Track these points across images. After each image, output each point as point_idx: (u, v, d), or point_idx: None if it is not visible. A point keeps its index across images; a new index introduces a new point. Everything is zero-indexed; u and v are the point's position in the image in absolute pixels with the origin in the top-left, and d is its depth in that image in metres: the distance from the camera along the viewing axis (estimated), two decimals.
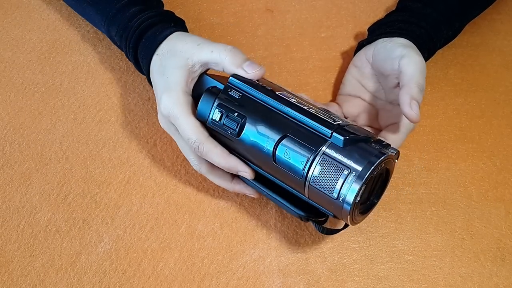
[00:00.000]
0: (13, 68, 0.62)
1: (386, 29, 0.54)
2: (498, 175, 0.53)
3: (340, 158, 0.40)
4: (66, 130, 0.57)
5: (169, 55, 0.49)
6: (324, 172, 0.40)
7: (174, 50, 0.49)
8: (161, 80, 0.48)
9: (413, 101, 0.45)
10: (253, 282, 0.47)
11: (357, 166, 0.39)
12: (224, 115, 0.44)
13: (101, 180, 0.53)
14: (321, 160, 0.40)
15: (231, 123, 0.44)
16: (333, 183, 0.40)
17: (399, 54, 0.49)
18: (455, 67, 0.61)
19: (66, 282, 0.47)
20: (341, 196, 0.40)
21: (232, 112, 0.44)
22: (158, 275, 0.48)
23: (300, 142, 0.41)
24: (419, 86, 0.47)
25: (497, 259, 0.48)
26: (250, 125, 0.43)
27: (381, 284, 0.47)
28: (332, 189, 0.40)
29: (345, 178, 0.39)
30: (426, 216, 0.51)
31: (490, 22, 0.65)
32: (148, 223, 0.51)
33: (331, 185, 0.40)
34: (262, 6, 0.67)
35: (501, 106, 0.58)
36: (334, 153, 0.40)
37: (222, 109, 0.45)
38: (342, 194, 0.39)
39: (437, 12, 0.54)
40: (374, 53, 0.53)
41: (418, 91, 0.46)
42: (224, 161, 0.45)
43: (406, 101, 0.46)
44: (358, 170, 0.39)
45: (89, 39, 0.64)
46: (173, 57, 0.48)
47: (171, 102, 0.46)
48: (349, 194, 0.39)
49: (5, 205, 0.52)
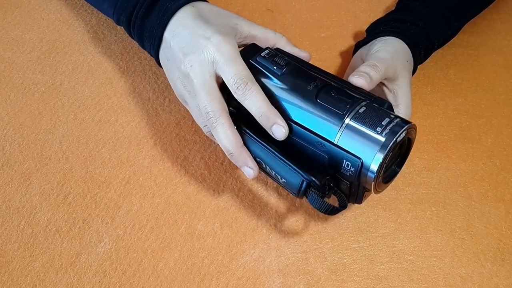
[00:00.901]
0: (13, 68, 0.62)
1: (380, 28, 0.54)
2: (498, 175, 0.53)
3: (384, 110, 0.42)
4: (66, 130, 0.57)
5: (214, 13, 0.47)
6: (369, 113, 0.41)
7: (220, 12, 0.48)
8: (207, 27, 0.45)
9: (362, 73, 0.45)
10: (253, 282, 0.47)
11: (398, 119, 0.41)
12: (273, 55, 0.46)
13: (101, 180, 0.53)
14: (366, 104, 0.42)
15: (280, 60, 0.45)
16: (378, 120, 0.41)
17: (375, 49, 0.50)
18: (455, 67, 0.61)
19: (66, 282, 0.47)
20: (385, 131, 0.40)
21: (281, 56, 0.46)
22: (158, 275, 0.48)
23: (347, 90, 0.43)
24: (370, 69, 0.46)
25: (497, 259, 0.48)
26: (298, 67, 0.45)
27: (381, 284, 0.47)
28: (376, 125, 0.40)
29: (390, 120, 0.41)
30: (426, 216, 0.51)
31: (490, 22, 0.65)
32: (148, 223, 0.51)
33: (375, 122, 0.41)
34: (262, 6, 0.67)
35: (501, 106, 0.58)
36: (371, 108, 0.42)
37: (271, 52, 0.46)
38: (387, 129, 0.40)
39: (436, 11, 0.54)
40: (368, 54, 0.53)
41: (369, 65, 0.46)
42: (267, 107, 0.42)
43: (350, 72, 0.46)
44: (401, 119, 0.41)
45: (89, 39, 0.64)
46: (220, 16, 0.47)
47: (227, 42, 0.44)
48: (392, 132, 0.40)
49: (5, 205, 0.52)
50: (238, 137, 0.44)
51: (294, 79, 0.44)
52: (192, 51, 0.44)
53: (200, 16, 0.46)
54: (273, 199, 0.52)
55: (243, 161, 0.44)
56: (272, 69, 0.45)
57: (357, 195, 0.44)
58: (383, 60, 0.48)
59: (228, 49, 0.44)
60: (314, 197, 0.42)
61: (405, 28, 0.53)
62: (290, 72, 0.45)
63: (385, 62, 0.47)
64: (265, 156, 0.44)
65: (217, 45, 0.44)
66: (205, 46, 0.44)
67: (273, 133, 0.43)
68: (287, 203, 0.52)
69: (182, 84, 0.46)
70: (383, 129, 0.40)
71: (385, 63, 0.47)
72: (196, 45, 0.44)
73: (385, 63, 0.47)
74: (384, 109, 0.42)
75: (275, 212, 0.51)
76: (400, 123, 0.41)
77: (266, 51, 0.46)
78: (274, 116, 0.42)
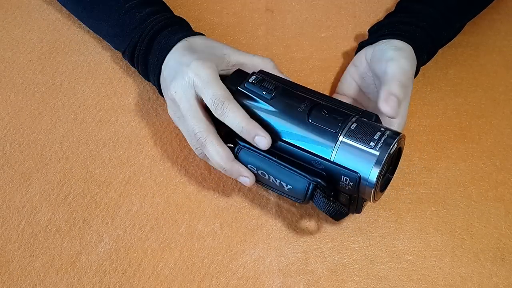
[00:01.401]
0: (13, 68, 0.62)
1: (386, 30, 0.54)
2: (498, 175, 0.53)
3: (374, 123, 0.44)
4: (66, 130, 0.57)
5: (205, 45, 0.50)
6: (361, 128, 0.43)
7: (211, 44, 0.50)
8: (190, 55, 0.48)
9: (390, 96, 0.45)
10: (253, 282, 0.47)
11: (389, 131, 0.43)
12: (260, 80, 0.47)
13: (101, 180, 0.53)
14: (357, 120, 0.43)
15: (268, 85, 0.46)
16: (370, 135, 0.42)
17: (389, 56, 0.49)
18: (455, 67, 0.61)
19: (66, 282, 0.47)
20: (378, 145, 0.42)
21: (268, 80, 0.47)
22: (158, 275, 0.48)
23: (336, 107, 0.45)
24: (399, 82, 0.46)
25: (497, 259, 0.48)
26: (286, 89, 0.47)
27: (381, 284, 0.47)
28: (369, 140, 0.42)
29: (382, 133, 0.42)
30: (426, 216, 0.51)
31: (490, 22, 0.65)
32: (148, 223, 0.51)
33: (367, 137, 0.42)
34: (262, 6, 0.67)
35: (501, 106, 0.58)
36: (367, 120, 0.44)
37: (258, 77, 0.47)
38: (380, 142, 0.42)
39: (438, 13, 0.54)
40: (372, 55, 0.53)
41: (398, 87, 0.46)
42: (246, 122, 0.45)
43: (382, 97, 0.45)
44: (391, 131, 0.43)
45: (89, 39, 0.64)
46: (210, 48, 0.50)
47: (205, 66, 0.47)
48: (385, 145, 0.42)
49: (5, 205, 0.52)
50: (228, 152, 0.46)
51: (284, 102, 0.46)
52: (175, 78, 0.48)
53: (190, 48, 0.50)
54: (273, 199, 0.52)
55: (237, 173, 0.46)
56: (261, 94, 0.46)
57: (356, 205, 0.46)
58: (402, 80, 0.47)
59: (206, 72, 0.46)
60: (321, 200, 0.43)
61: (411, 31, 0.53)
62: (279, 95, 0.46)
63: (404, 83, 0.48)
64: (267, 166, 0.46)
65: (195, 70, 0.47)
66: (185, 72, 0.47)
67: (257, 144, 0.45)
68: (287, 203, 0.52)
69: (172, 110, 0.50)
70: (376, 143, 0.42)
71: (405, 83, 0.48)
72: (179, 72, 0.48)
73: (404, 83, 0.48)
74: (373, 123, 0.44)
75: (275, 212, 0.51)
76: (391, 135, 0.43)
77: (253, 77, 0.47)
78: (254, 128, 0.45)
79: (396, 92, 0.45)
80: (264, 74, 0.49)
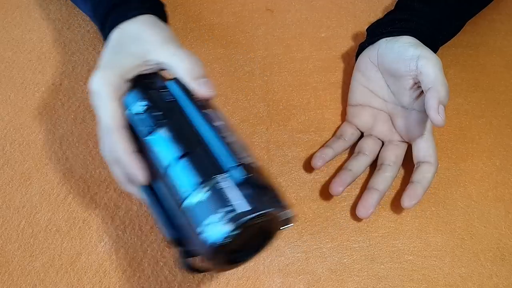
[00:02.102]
0: (13, 68, 0.62)
1: (387, 28, 0.54)
2: (498, 175, 0.53)
3: (228, 195, 0.35)
4: (66, 130, 0.57)
5: (132, 38, 0.46)
6: (205, 202, 0.35)
7: (140, 36, 0.46)
8: (109, 56, 0.45)
9: (440, 105, 0.44)
10: (253, 282, 0.47)
11: (239, 208, 0.34)
12: (144, 111, 0.41)
13: (101, 180, 0.53)
14: (208, 189, 0.36)
15: (145, 121, 0.41)
16: (205, 216, 0.35)
17: (413, 54, 0.48)
18: (455, 67, 0.61)
19: (66, 282, 0.47)
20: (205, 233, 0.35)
21: (152, 111, 0.41)
22: (158, 275, 0.48)
23: (196, 165, 0.37)
24: (446, 88, 0.45)
25: (497, 259, 0.48)
26: (162, 130, 0.40)
27: (381, 284, 0.47)
28: (201, 222, 0.35)
29: (221, 215, 0.34)
30: (426, 216, 0.51)
31: (490, 22, 0.65)
32: (148, 223, 0.51)
33: (201, 218, 0.35)
34: (262, 6, 0.67)
35: (501, 106, 0.58)
36: (225, 186, 0.36)
37: (146, 105, 0.42)
38: (208, 230, 0.34)
39: (438, 11, 0.54)
40: (379, 54, 0.52)
41: (446, 94, 0.45)
42: (124, 156, 0.41)
43: (433, 106, 0.44)
44: (237, 212, 0.34)
45: (89, 39, 0.64)
46: (135, 42, 0.45)
47: (103, 80, 0.43)
48: (215, 234, 0.34)
49: (5, 205, 0.52)
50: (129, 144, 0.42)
51: (155, 142, 0.40)
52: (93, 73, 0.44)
53: (112, 43, 0.46)
54: None
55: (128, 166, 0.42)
56: (136, 129, 0.41)
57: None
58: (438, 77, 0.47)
59: (100, 89, 0.42)
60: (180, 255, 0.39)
61: (414, 28, 0.52)
62: (155, 133, 0.40)
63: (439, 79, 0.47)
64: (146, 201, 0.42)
65: (92, 84, 0.43)
66: (94, 77, 0.43)
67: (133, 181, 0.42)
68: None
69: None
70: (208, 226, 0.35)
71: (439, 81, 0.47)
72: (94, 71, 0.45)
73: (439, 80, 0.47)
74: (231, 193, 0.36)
75: None
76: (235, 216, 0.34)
77: (144, 102, 0.42)
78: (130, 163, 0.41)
79: (444, 98, 0.45)
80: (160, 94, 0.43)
